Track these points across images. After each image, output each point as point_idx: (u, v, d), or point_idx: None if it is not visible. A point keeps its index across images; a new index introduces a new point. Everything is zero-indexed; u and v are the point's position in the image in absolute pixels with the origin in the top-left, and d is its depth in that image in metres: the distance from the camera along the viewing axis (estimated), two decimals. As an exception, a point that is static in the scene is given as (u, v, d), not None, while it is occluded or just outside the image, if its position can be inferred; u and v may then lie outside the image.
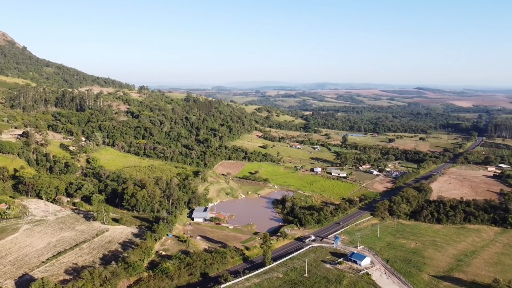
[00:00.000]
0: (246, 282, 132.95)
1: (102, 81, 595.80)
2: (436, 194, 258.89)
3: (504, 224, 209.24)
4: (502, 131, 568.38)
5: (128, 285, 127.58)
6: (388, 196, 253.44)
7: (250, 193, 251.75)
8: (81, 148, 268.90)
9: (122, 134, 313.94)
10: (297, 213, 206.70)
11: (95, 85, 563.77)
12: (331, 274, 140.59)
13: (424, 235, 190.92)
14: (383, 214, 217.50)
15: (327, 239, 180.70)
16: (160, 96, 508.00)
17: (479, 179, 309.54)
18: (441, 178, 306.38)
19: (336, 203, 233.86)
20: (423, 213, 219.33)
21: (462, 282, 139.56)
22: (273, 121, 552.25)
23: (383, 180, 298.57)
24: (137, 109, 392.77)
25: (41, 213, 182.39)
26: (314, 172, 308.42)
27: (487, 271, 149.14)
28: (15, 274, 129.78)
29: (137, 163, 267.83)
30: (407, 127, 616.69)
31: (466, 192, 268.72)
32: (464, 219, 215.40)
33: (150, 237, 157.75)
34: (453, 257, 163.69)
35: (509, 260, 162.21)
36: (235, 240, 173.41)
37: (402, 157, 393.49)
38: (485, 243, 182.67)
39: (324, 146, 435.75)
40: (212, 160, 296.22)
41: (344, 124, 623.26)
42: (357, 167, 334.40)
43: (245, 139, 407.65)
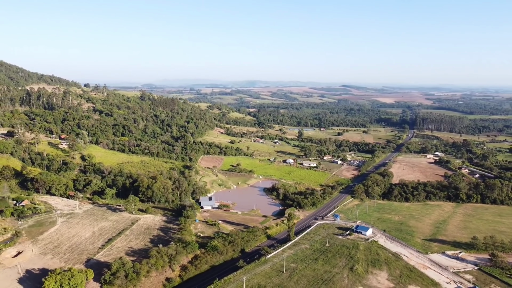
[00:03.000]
0: (284, 253, 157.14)
1: (49, 79, 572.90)
2: (397, 178, 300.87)
3: (456, 199, 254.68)
4: (429, 124, 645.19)
5: (188, 261, 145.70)
6: (357, 181, 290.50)
7: (240, 183, 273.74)
8: (72, 146, 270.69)
9: (103, 132, 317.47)
10: (293, 198, 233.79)
11: (41, 83, 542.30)
12: (346, 243, 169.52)
13: (401, 211, 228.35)
14: (362, 196, 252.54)
15: (327, 217, 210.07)
16: (117, 95, 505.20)
17: (424, 165, 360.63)
18: (395, 165, 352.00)
19: (318, 189, 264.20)
20: (394, 193, 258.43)
21: (447, 242, 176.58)
22: (229, 118, 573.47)
23: (349, 168, 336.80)
24: (104, 107, 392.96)
25: (65, 207, 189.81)
26: (287, 163, 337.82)
27: (461, 234, 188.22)
28: (80, 259, 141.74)
29: (128, 159, 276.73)
30: (348, 122, 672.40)
31: (418, 176, 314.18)
32: (426, 197, 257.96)
33: (184, 222, 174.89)
34: (432, 225, 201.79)
35: (472, 225, 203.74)
36: (252, 222, 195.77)
37: (354, 148, 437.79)
38: (449, 214, 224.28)
39: (283, 140, 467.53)
40: (195, 154, 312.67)
41: (291, 120, 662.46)
42: (321, 158, 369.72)
43: (210, 136, 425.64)
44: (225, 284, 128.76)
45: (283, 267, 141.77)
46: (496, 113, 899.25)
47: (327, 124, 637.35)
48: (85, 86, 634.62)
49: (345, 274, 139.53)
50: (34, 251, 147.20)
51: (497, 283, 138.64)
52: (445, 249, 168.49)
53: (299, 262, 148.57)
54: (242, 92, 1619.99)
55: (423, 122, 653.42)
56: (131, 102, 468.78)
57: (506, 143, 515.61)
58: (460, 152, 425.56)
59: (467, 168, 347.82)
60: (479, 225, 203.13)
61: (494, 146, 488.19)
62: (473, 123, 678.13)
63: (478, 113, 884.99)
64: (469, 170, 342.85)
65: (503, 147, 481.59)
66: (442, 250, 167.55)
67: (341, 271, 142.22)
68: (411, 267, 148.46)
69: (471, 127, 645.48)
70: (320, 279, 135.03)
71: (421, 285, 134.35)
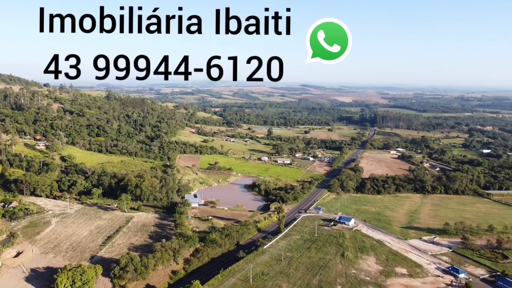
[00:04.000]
0: (278, 244, 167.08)
1: (7, 78, 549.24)
2: (367, 173, 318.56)
3: (423, 191, 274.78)
4: (388, 121, 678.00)
5: (190, 254, 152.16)
6: (330, 177, 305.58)
7: (220, 181, 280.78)
8: (50, 147, 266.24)
9: (78, 133, 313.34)
10: (275, 193, 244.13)
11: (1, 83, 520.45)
12: (333, 233, 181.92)
13: (376, 203, 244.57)
14: (337, 190, 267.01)
15: (310, 210, 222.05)
16: (84, 95, 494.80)
17: (389, 160, 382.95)
18: (363, 161, 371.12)
19: (296, 185, 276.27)
20: (367, 186, 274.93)
21: (422, 229, 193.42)
22: (197, 118, 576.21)
23: (321, 164, 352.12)
24: (73, 108, 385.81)
25: (55, 208, 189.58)
26: (262, 161, 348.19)
27: (433, 221, 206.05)
28: (84, 257, 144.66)
29: (108, 159, 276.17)
30: (312, 120, 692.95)
31: (385, 170, 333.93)
32: (396, 190, 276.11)
33: (179, 218, 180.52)
34: (406, 214, 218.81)
35: (441, 213, 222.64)
36: (241, 217, 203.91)
37: (322, 146, 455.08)
38: (419, 205, 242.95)
39: (253, 139, 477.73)
40: (172, 154, 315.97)
41: (257, 119, 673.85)
42: (293, 155, 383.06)
43: (182, 135, 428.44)
44: (230, 273, 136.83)
45: (281, 256, 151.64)
46: (447, 111, 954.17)
47: (292, 123, 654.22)
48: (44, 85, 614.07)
49: (338, 260, 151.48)
50: (34, 250, 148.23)
51: (470, 262, 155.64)
52: (421, 235, 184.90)
53: (294, 251, 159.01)
54: (203, 91, 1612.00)
55: (383, 120, 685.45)
56: (98, 102, 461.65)
57: (459, 138, 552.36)
58: (420, 147, 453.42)
59: (428, 163, 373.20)
60: (447, 213, 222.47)
61: (448, 141, 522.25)
62: (427, 121, 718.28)
63: (431, 111, 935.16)
64: (430, 164, 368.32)
65: (457, 142, 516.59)
66: (419, 236, 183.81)
67: (334, 257, 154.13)
68: (395, 251, 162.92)
69: (426, 124, 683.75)
70: (316, 265, 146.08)
71: (406, 267, 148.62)
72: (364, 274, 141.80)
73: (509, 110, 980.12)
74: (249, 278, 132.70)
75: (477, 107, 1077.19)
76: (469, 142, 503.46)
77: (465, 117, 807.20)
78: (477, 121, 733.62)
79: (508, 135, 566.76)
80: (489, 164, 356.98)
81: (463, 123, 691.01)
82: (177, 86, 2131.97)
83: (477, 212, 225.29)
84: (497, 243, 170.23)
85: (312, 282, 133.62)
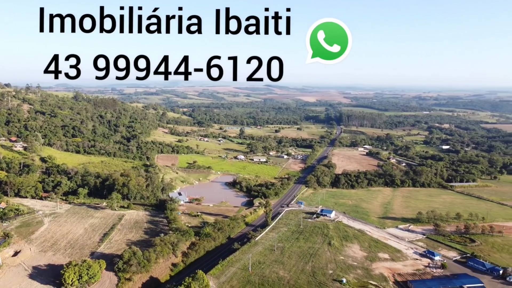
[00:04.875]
0: (267, 235, 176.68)
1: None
2: (339, 169, 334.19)
3: (393, 185, 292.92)
4: (353, 120, 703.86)
5: (187, 247, 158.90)
6: (306, 173, 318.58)
7: (201, 179, 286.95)
8: (29, 148, 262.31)
9: (54, 134, 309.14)
10: (257, 190, 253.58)
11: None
12: (317, 224, 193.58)
13: (352, 196, 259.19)
14: (314, 185, 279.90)
15: (291, 205, 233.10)
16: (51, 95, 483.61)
17: (358, 157, 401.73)
18: (334, 158, 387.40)
19: (275, 181, 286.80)
20: (341, 182, 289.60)
21: (397, 219, 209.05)
22: (168, 118, 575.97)
23: (295, 162, 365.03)
24: (44, 108, 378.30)
25: (44, 208, 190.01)
26: (238, 159, 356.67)
27: (406, 211, 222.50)
28: (84, 253, 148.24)
29: (88, 160, 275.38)
30: (281, 120, 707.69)
31: (356, 166, 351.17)
32: (368, 184, 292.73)
33: (171, 214, 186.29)
34: (380, 206, 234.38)
35: (412, 204, 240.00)
36: (228, 212, 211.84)
37: (293, 144, 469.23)
38: (391, 197, 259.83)
39: (226, 138, 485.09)
40: (151, 153, 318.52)
41: (227, 119, 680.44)
42: (267, 153, 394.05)
43: (156, 135, 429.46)
44: (229, 263, 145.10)
45: (273, 247, 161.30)
46: (407, 109, 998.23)
47: (262, 123, 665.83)
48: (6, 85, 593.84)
49: (326, 249, 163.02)
50: (32, 249, 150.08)
51: (442, 247, 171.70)
52: (397, 224, 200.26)
53: (284, 241, 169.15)
54: (167, 92, 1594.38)
55: (348, 119, 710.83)
56: (67, 103, 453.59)
57: (420, 136, 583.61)
58: (385, 144, 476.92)
59: (394, 158, 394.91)
60: (417, 204, 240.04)
61: (410, 138, 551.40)
62: (390, 119, 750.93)
63: (392, 110, 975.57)
64: (396, 160, 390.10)
65: (418, 139, 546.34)
66: (395, 225, 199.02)
67: (322, 246, 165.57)
68: (376, 239, 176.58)
69: (388, 122, 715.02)
70: (307, 253, 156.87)
71: (387, 252, 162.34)
72: (351, 259, 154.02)
73: (462, 108, 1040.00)
74: (248, 266, 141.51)
75: (434, 106, 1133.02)
76: (429, 139, 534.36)
77: (423, 115, 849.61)
78: (434, 119, 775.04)
79: (464, 132, 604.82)
80: (450, 159, 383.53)
81: (422, 121, 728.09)
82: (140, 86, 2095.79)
83: (443, 203, 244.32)
84: (465, 229, 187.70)
85: (306, 268, 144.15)
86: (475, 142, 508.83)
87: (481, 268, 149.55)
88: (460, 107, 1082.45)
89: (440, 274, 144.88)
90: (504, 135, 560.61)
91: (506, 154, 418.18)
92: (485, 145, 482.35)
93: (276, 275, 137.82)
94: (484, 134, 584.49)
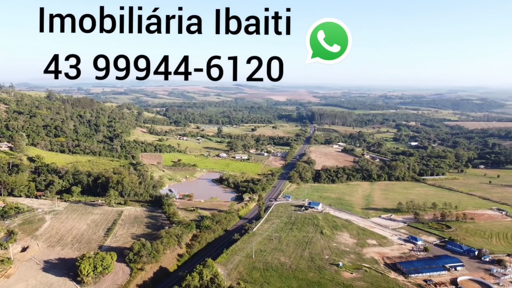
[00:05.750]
0: (262, 227, 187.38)
1: None
2: (318, 165, 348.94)
3: (370, 179, 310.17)
4: (325, 119, 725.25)
5: (189, 239, 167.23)
6: (287, 169, 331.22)
7: (188, 176, 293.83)
8: (16, 148, 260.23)
9: (37, 134, 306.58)
10: (244, 185, 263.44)
11: None
12: (307, 216, 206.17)
13: (334, 190, 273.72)
14: (297, 181, 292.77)
15: (279, 199, 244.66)
16: (25, 95, 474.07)
17: (334, 153, 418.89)
18: (312, 154, 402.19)
19: (259, 178, 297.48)
20: (322, 177, 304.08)
21: (379, 209, 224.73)
22: (145, 117, 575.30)
23: (275, 159, 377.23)
24: (21, 108, 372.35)
25: (42, 206, 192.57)
26: (221, 157, 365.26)
27: (386, 202, 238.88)
28: (92, 247, 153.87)
29: (75, 159, 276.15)
30: (256, 119, 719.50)
31: (334, 162, 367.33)
32: (347, 179, 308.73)
33: (169, 209, 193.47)
34: (362, 198, 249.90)
35: (390, 196, 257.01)
36: (221, 207, 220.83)
37: (271, 142, 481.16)
38: (370, 190, 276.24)
39: (204, 137, 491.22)
40: (135, 152, 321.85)
41: (202, 118, 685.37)
42: (248, 151, 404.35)
43: (136, 135, 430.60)
44: (233, 252, 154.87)
45: (271, 237, 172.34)
46: (374, 108, 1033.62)
47: (237, 122, 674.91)
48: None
49: (319, 237, 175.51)
50: (40, 245, 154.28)
51: (423, 233, 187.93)
52: (380, 214, 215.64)
53: (280, 232, 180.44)
54: (136, 91, 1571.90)
55: (320, 117, 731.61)
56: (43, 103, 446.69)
57: (389, 133, 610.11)
58: (359, 141, 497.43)
59: (368, 155, 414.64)
60: (395, 195, 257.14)
61: (381, 136, 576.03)
62: (359, 117, 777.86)
63: (360, 109, 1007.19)
64: (370, 156, 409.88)
65: (388, 136, 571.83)
66: (378, 215, 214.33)
67: (315, 235, 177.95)
68: (363, 228, 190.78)
69: (358, 120, 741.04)
70: (303, 241, 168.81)
71: (375, 239, 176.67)
72: (344, 246, 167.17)
73: (426, 107, 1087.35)
74: (251, 254, 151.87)
75: (399, 104, 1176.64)
76: (398, 136, 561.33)
77: (390, 113, 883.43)
78: (401, 117, 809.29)
79: (429, 129, 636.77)
80: (420, 155, 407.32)
81: (390, 119, 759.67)
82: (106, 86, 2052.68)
83: (418, 194, 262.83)
84: (441, 216, 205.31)
85: (304, 254, 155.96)
86: (440, 138, 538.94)
87: (458, 250, 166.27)
88: (424, 105, 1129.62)
89: (424, 256, 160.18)
90: (466, 132, 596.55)
91: (469, 150, 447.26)
92: (450, 141, 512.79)
93: (278, 261, 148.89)
94: (448, 131, 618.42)
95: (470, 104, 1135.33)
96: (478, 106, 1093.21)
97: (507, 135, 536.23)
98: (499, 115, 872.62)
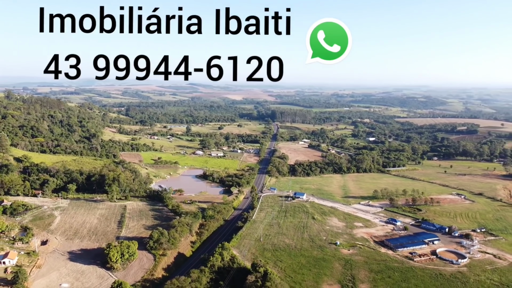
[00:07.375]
0: (259, 215, 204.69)
1: None
2: (291, 160, 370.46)
3: (340, 171, 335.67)
4: (286, 117, 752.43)
5: (198, 228, 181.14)
6: (263, 165, 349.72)
7: (172, 173, 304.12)
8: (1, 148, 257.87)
9: (15, 134, 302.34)
10: (230, 180, 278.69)
11: None
12: (295, 205, 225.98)
13: (312, 182, 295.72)
14: (276, 174, 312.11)
15: (265, 191, 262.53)
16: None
17: (302, 149, 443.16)
18: (282, 150, 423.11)
19: (241, 173, 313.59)
20: (298, 170, 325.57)
21: (357, 197, 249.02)
22: (111, 118, 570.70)
23: (250, 155, 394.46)
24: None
25: (45, 203, 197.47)
26: (197, 155, 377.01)
27: (362, 191, 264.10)
28: (109, 238, 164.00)
29: (61, 159, 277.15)
30: (219, 117, 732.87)
31: (304, 157, 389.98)
32: (320, 172, 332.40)
33: (170, 202, 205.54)
34: (339, 188, 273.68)
35: (363, 186, 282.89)
36: (214, 199, 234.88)
37: (240, 139, 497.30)
38: (343, 181, 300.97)
39: (174, 136, 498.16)
40: (114, 151, 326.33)
41: (166, 118, 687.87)
42: (221, 149, 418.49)
43: (107, 135, 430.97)
44: (242, 237, 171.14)
45: (271, 223, 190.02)
46: (329, 106, 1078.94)
47: (201, 120, 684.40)
48: None
49: (312, 222, 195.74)
50: (58, 238, 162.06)
51: (399, 216, 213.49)
52: (359, 201, 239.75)
53: (277, 219, 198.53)
54: (87, 91, 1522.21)
55: (281, 115, 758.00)
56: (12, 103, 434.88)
57: (347, 130, 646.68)
58: (322, 138, 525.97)
59: (333, 150, 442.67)
60: (367, 185, 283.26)
61: (340, 132, 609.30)
62: (317, 115, 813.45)
63: (316, 107, 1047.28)
64: (336, 151, 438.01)
65: (347, 133, 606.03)
66: (357, 202, 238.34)
67: (308, 220, 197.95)
68: (348, 213, 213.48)
69: (317, 118, 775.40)
70: (300, 226, 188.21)
71: (360, 222, 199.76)
72: (336, 228, 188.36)
73: (376, 104, 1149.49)
74: (259, 238, 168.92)
75: (351, 102, 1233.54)
76: (356, 132, 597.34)
77: (345, 111, 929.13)
78: (355, 114, 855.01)
79: (383, 126, 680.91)
80: (380, 149, 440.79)
81: (346, 116, 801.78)
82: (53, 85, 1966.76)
83: (387, 183, 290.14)
84: (412, 201, 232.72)
85: (304, 236, 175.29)
86: (394, 134, 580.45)
87: (432, 228, 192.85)
88: (374, 103, 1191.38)
89: (405, 234, 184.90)
90: (416, 127, 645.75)
91: (422, 143, 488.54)
92: (404, 136, 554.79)
93: (284, 242, 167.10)
94: (400, 127, 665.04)
95: (416, 101, 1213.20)
96: (423, 103, 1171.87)
97: (452, 129, 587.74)
98: (442, 112, 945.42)
